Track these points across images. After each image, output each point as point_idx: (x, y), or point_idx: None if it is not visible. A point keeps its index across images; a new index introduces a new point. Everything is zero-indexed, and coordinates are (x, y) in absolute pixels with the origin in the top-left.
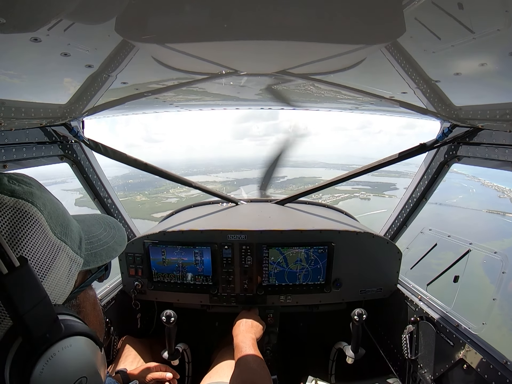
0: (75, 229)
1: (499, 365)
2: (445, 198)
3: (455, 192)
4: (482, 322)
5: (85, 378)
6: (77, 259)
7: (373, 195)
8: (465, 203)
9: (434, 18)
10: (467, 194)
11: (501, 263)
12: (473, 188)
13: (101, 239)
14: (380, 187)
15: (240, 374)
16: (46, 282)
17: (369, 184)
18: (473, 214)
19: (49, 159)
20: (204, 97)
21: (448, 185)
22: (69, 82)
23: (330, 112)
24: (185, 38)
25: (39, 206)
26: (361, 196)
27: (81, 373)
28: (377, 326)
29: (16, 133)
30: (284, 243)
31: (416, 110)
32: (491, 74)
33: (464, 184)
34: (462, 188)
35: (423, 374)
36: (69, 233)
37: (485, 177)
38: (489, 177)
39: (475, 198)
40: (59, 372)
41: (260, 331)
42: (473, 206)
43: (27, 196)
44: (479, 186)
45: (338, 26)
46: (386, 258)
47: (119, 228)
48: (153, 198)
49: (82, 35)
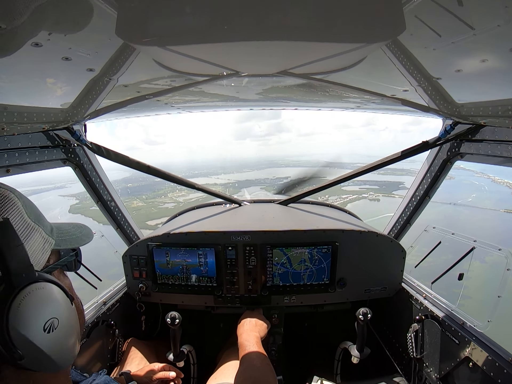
0: (46, 222)
1: (505, 362)
2: (458, 197)
3: (467, 190)
4: (487, 319)
5: (56, 319)
6: (49, 239)
7: (382, 195)
8: (480, 202)
9: (434, 15)
10: (480, 192)
11: (506, 260)
12: (484, 186)
13: (70, 231)
14: (388, 186)
15: (243, 372)
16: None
17: (377, 183)
18: (492, 214)
19: (52, 163)
20: (205, 99)
21: (458, 183)
22: (71, 86)
23: (332, 111)
24: (186, 40)
25: (17, 195)
26: (369, 197)
27: (52, 314)
28: (382, 325)
29: (19, 137)
30: (288, 243)
31: (418, 108)
32: (492, 71)
33: (475, 182)
34: (473, 186)
35: (429, 373)
36: (42, 221)
37: (495, 174)
38: (498, 173)
39: (489, 196)
40: (34, 309)
41: (264, 330)
42: (489, 205)
43: (6, 187)
44: (489, 183)
45: (339, 25)
46: (390, 257)
47: (87, 227)
48: (150, 203)
49: (83, 39)
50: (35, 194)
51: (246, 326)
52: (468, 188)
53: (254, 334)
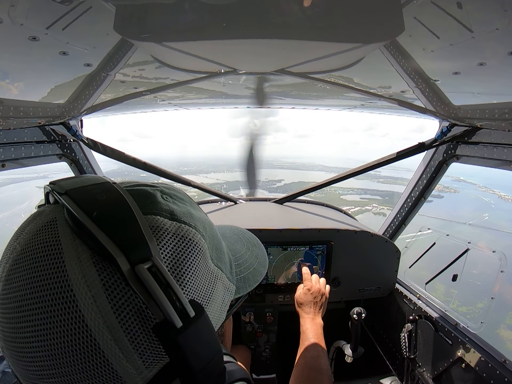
0: (225, 250)
1: (497, 363)
2: (471, 216)
3: (478, 208)
4: (480, 321)
5: None
6: (230, 287)
7: (387, 208)
8: (496, 222)
9: (433, 17)
10: (492, 211)
11: (499, 262)
12: (491, 201)
13: (247, 260)
14: (391, 197)
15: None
16: None
17: (378, 193)
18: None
19: (47, 158)
20: (202, 96)
21: (464, 197)
22: (68, 81)
23: (329, 111)
24: (184, 36)
25: (201, 231)
26: (373, 211)
27: None
28: (375, 325)
29: (15, 132)
30: (283, 242)
31: (415, 109)
32: (490, 74)
33: (485, 198)
34: (479, 202)
35: (422, 373)
36: (222, 257)
37: (500, 189)
38: (503, 188)
39: (503, 216)
40: None
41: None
42: (507, 227)
43: (188, 219)
44: (496, 199)
45: (337, 24)
46: (384, 257)
47: (259, 245)
48: None
49: (80, 33)
50: (16, 182)
51: (312, 307)
52: (477, 205)
53: (320, 323)
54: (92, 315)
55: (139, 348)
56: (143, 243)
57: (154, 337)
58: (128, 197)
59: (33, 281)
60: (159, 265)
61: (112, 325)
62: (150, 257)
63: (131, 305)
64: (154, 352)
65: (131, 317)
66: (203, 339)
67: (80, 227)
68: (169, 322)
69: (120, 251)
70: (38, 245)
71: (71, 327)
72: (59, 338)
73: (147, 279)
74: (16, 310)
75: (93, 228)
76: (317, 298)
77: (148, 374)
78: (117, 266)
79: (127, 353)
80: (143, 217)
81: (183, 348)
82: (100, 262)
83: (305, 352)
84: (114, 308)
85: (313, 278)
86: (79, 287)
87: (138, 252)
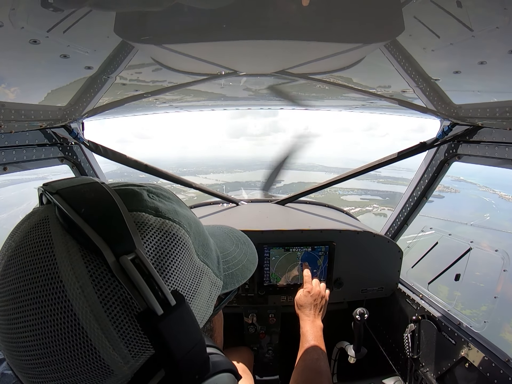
0: (213, 247)
1: (501, 363)
2: (472, 216)
3: (479, 208)
4: (483, 320)
5: None
6: (217, 282)
7: (387, 208)
8: (498, 222)
9: (433, 16)
10: (493, 211)
11: (502, 261)
12: (492, 201)
13: (235, 257)
14: (392, 197)
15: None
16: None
17: (379, 193)
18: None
19: (49, 161)
20: (203, 98)
21: (465, 197)
22: (69, 83)
23: (329, 111)
24: (184, 38)
25: (186, 227)
26: (374, 211)
27: None
28: (378, 325)
29: (16, 135)
30: (285, 243)
31: (416, 108)
32: (491, 72)
33: (485, 198)
34: (481, 202)
35: (425, 373)
36: (209, 253)
37: (500, 188)
38: (503, 188)
39: (505, 216)
40: None
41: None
42: (509, 227)
43: (172, 216)
44: (497, 199)
45: (337, 25)
46: (387, 257)
47: (249, 243)
48: None
49: (81, 36)
50: (15, 184)
51: (312, 310)
52: (476, 204)
53: (320, 325)
54: (80, 305)
55: (125, 337)
56: (127, 236)
57: (138, 326)
58: (115, 196)
59: (26, 274)
60: (142, 257)
61: (99, 314)
62: (133, 249)
63: (117, 295)
64: (140, 342)
65: (116, 306)
66: (184, 327)
67: (69, 223)
68: (151, 311)
69: (106, 244)
70: (31, 241)
71: (61, 316)
72: (50, 327)
73: (130, 269)
74: (10, 302)
75: (81, 224)
76: (317, 301)
77: (135, 364)
78: (103, 259)
79: (113, 341)
80: (128, 214)
81: (164, 335)
82: (88, 255)
83: (304, 354)
84: (100, 298)
85: (314, 281)
86: (68, 279)
87: (122, 245)
